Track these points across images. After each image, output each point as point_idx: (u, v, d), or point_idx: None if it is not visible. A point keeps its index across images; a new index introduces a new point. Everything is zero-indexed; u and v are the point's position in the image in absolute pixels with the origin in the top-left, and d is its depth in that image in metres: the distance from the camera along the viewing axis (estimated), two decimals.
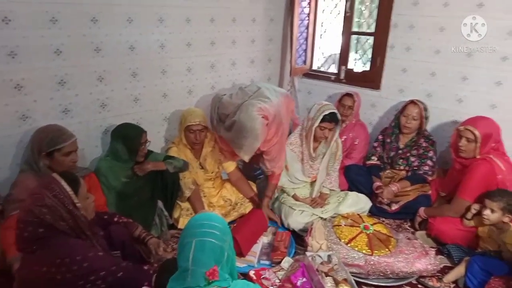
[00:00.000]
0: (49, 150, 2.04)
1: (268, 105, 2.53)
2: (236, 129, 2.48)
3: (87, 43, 2.35)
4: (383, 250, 2.24)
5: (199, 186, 2.77)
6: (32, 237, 1.49)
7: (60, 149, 2.05)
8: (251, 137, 2.42)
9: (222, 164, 2.87)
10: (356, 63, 3.69)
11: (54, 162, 2.07)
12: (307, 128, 2.75)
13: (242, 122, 2.43)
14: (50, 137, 2.05)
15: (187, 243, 1.20)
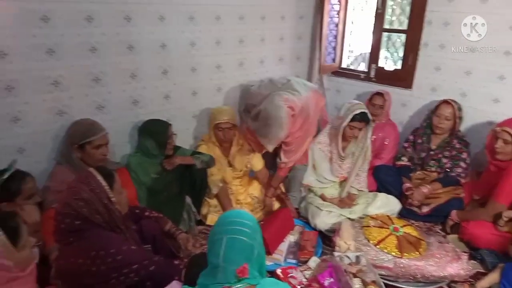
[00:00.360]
0: (80, 142, 2.12)
1: (296, 97, 2.53)
2: (261, 118, 2.50)
3: (120, 41, 2.40)
4: (413, 253, 2.19)
5: (227, 183, 2.79)
6: (69, 229, 1.54)
7: (90, 142, 2.13)
8: (276, 125, 2.43)
9: (250, 162, 2.87)
10: (387, 61, 3.61)
11: (85, 154, 2.14)
12: (337, 127, 2.72)
13: (267, 111, 2.45)
14: (82, 130, 2.14)
15: (218, 240, 1.21)
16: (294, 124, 2.53)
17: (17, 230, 1.31)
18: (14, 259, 1.26)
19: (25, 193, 1.84)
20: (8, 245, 1.25)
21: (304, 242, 2.44)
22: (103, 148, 2.19)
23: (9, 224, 1.28)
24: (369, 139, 2.75)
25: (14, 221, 1.31)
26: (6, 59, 1.99)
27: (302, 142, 2.69)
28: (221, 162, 2.77)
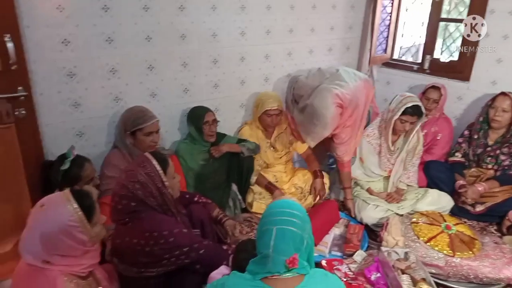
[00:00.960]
0: (132, 129, 2.20)
1: (345, 89, 2.47)
2: (307, 114, 2.47)
3: (174, 31, 2.45)
4: (466, 253, 2.10)
5: (269, 166, 2.82)
6: (125, 210, 1.62)
7: (141, 129, 2.19)
8: (320, 125, 2.41)
9: (292, 144, 2.87)
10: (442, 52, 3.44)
11: (137, 141, 2.22)
12: (387, 119, 2.64)
13: (314, 108, 2.42)
14: (133, 118, 2.21)
15: (267, 230, 1.21)
16: (344, 116, 2.48)
17: (92, 208, 1.39)
18: (88, 234, 1.34)
19: (85, 178, 1.95)
20: (84, 221, 1.33)
21: (350, 235, 2.41)
22: (154, 135, 2.25)
23: (85, 202, 1.37)
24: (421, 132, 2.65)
25: (89, 199, 1.39)
26: (69, 47, 2.10)
27: (352, 133, 2.63)
28: (262, 144, 2.79)
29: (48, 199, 1.38)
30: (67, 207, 1.31)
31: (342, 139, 2.63)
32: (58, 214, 1.30)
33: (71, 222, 1.30)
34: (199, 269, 1.64)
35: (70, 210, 1.31)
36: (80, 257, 1.37)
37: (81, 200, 1.35)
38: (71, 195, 1.34)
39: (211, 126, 2.52)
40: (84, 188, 1.59)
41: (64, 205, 1.31)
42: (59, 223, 1.29)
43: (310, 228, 1.28)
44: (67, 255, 1.33)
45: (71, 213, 1.31)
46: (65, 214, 1.30)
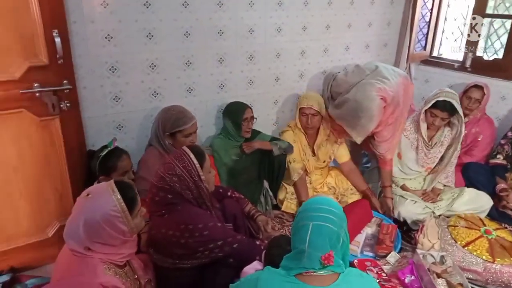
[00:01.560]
0: (172, 131, 2.19)
1: (387, 85, 2.42)
2: (350, 108, 2.42)
3: (211, 27, 2.48)
4: (507, 259, 2.02)
5: (308, 173, 2.79)
6: (162, 202, 1.67)
7: (181, 130, 2.19)
8: (365, 117, 2.35)
9: (335, 153, 2.84)
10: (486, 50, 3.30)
11: (176, 141, 2.22)
12: (420, 111, 2.58)
13: (358, 101, 2.37)
14: (173, 119, 2.20)
15: (304, 226, 1.21)
16: (385, 113, 2.43)
17: (134, 199, 1.44)
18: (128, 224, 1.40)
19: (120, 170, 1.99)
20: (126, 212, 1.38)
21: (382, 235, 2.37)
22: (193, 136, 2.24)
23: (128, 193, 1.42)
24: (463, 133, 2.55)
25: (132, 191, 1.44)
26: (112, 42, 2.17)
27: (394, 130, 2.57)
28: (306, 151, 2.75)
29: (93, 188, 1.44)
30: (111, 197, 1.36)
31: (384, 137, 2.56)
32: (102, 203, 1.36)
33: (113, 212, 1.35)
34: (232, 263, 1.66)
35: (113, 200, 1.36)
36: (119, 246, 1.42)
37: (124, 191, 1.39)
38: (115, 186, 1.39)
39: (249, 123, 2.55)
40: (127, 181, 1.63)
41: (108, 195, 1.37)
42: (102, 212, 1.34)
43: (346, 227, 1.27)
44: (107, 244, 1.38)
45: (114, 203, 1.36)
46: (109, 204, 1.35)
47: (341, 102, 2.51)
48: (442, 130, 2.63)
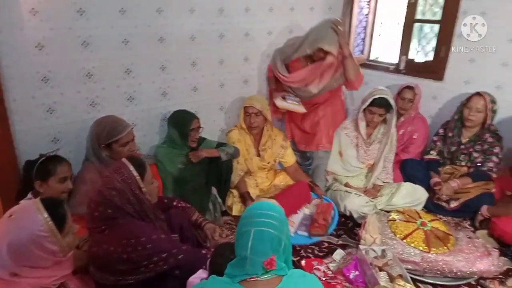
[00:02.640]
0: (107, 142, 2.11)
1: None
2: (312, 33, 2.72)
3: (151, 33, 2.45)
4: (441, 248, 2.16)
5: (251, 173, 2.83)
6: (102, 217, 1.61)
7: (117, 140, 2.12)
8: (330, 31, 2.64)
9: (281, 157, 2.90)
10: (418, 53, 3.52)
11: (114, 152, 2.14)
12: (359, 110, 2.72)
13: (318, 27, 2.72)
14: (107, 130, 2.12)
15: (246, 232, 1.22)
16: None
17: (63, 217, 1.37)
18: (59, 244, 1.32)
19: (60, 174, 1.89)
20: (55, 231, 1.31)
21: (316, 215, 2.42)
22: (130, 144, 2.17)
23: (56, 211, 1.34)
24: (394, 126, 2.72)
25: (60, 208, 1.37)
26: (43, 51, 2.07)
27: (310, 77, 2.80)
28: (249, 150, 2.81)
29: (17, 208, 1.35)
30: (37, 216, 1.28)
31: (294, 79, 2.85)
32: (27, 224, 1.28)
33: (41, 232, 1.27)
34: (178, 274, 1.64)
35: (40, 220, 1.28)
36: (51, 268, 1.34)
37: (52, 209, 1.32)
38: (41, 204, 1.31)
39: (196, 133, 2.53)
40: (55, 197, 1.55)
41: (34, 214, 1.29)
42: (28, 233, 1.26)
43: (288, 230, 1.30)
44: (37, 267, 1.30)
45: (41, 223, 1.28)
46: (35, 224, 1.28)
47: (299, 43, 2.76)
48: (379, 127, 2.79)
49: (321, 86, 2.78)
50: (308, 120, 2.92)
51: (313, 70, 2.76)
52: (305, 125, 2.94)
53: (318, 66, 2.73)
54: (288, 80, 2.83)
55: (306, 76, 2.78)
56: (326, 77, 2.77)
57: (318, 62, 2.73)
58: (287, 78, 2.82)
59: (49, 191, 1.87)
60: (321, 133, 2.93)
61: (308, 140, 2.95)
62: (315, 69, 2.74)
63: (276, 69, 2.90)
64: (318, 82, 2.77)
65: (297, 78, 2.80)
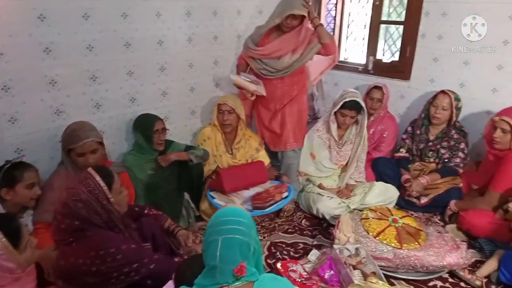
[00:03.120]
0: (66, 149, 2.07)
1: None
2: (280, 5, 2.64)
3: (117, 39, 2.40)
4: (412, 244, 2.20)
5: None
6: (69, 229, 1.56)
7: (73, 149, 2.05)
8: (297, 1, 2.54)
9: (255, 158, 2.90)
10: (384, 53, 3.60)
11: (74, 160, 2.08)
12: (331, 113, 2.75)
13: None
14: (66, 136, 2.08)
15: (213, 241, 1.20)
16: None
17: (18, 232, 1.32)
18: (15, 261, 1.27)
19: (27, 180, 1.86)
20: (9, 248, 1.26)
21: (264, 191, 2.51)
22: (88, 156, 2.07)
23: (10, 227, 1.29)
24: (365, 127, 2.77)
25: (14, 223, 1.32)
26: (3, 59, 1.99)
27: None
28: (218, 147, 2.80)
29: None
30: None
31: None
32: None
33: None
34: (150, 284, 1.60)
35: None
36: (9, 285, 1.29)
37: (4, 225, 1.27)
38: None
39: (161, 135, 2.49)
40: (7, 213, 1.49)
41: None
42: None
43: (256, 234, 1.29)
44: None
45: None
46: None
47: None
48: (350, 128, 2.83)
49: (295, 57, 2.72)
50: (275, 120, 2.91)
51: (286, 39, 2.71)
52: (274, 125, 2.93)
53: (292, 36, 2.70)
54: (261, 53, 2.73)
55: (279, 46, 2.71)
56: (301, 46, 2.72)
57: (290, 32, 2.70)
58: (260, 50, 2.73)
59: (17, 198, 1.84)
60: (288, 132, 2.91)
61: (276, 140, 2.96)
62: (288, 39, 2.69)
63: (248, 48, 2.79)
64: (291, 53, 2.72)
65: (270, 49, 2.71)
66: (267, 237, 2.56)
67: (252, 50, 2.72)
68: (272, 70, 2.73)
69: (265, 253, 2.40)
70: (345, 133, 2.84)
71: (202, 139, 2.79)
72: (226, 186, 2.48)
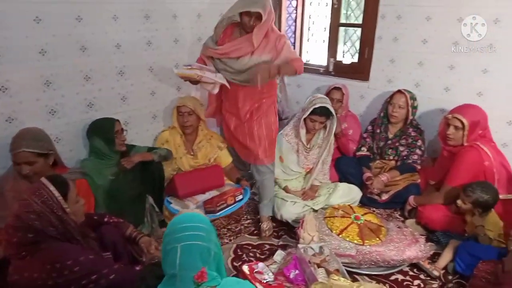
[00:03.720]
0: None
1: None
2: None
3: (72, 42, 2.32)
4: (374, 240, 2.27)
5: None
6: (22, 243, 1.49)
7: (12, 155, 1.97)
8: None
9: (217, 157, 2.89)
10: (344, 55, 3.69)
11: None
12: (300, 118, 2.77)
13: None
14: (11, 141, 1.99)
15: (172, 249, 1.18)
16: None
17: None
18: None
19: None
20: None
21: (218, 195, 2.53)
22: (22, 167, 1.96)
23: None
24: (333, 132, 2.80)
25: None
26: None
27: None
28: (179, 150, 2.78)
29: None
30: None
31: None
32: None
33: None
34: None
35: None
36: None
37: None
38: None
39: (121, 135, 2.45)
40: None
41: None
42: None
43: (216, 238, 1.28)
44: None
45: None
46: None
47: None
48: (318, 133, 2.85)
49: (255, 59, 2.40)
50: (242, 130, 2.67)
51: (246, 39, 2.38)
52: (240, 134, 2.69)
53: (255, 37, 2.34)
54: (220, 52, 2.44)
55: (238, 45, 2.40)
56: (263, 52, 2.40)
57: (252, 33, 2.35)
58: (219, 49, 2.43)
59: None
60: (257, 147, 2.62)
61: (246, 152, 2.76)
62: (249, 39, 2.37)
63: (208, 47, 2.51)
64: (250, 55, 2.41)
65: (229, 48, 2.41)
66: (233, 240, 2.56)
67: (211, 49, 2.50)
68: (232, 70, 2.49)
69: (231, 256, 2.40)
70: (313, 138, 2.87)
71: (161, 143, 2.77)
72: (180, 191, 2.49)
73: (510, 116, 2.72)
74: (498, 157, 2.50)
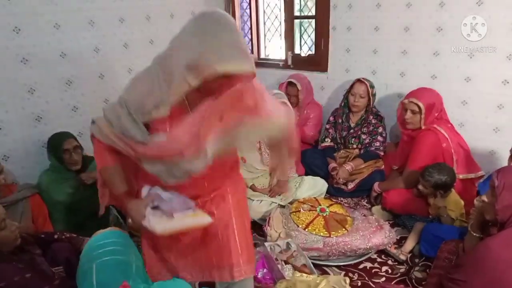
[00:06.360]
0: None
1: None
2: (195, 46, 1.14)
3: (12, 55, 2.22)
4: (340, 230, 2.26)
5: None
6: None
7: None
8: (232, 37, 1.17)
9: None
10: (302, 47, 3.69)
11: None
12: None
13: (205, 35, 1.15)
14: None
15: (87, 270, 1.15)
16: None
17: None
18: None
19: None
20: None
21: None
22: None
23: None
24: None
25: None
26: None
27: None
28: None
29: None
30: None
31: None
32: None
33: None
34: None
35: None
36: None
37: None
38: None
39: (73, 154, 2.31)
40: None
41: None
42: None
43: (135, 248, 1.24)
44: None
45: None
46: None
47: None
48: None
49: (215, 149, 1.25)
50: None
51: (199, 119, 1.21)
52: None
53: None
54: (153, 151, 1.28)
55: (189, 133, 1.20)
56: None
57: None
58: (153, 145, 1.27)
59: None
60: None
61: None
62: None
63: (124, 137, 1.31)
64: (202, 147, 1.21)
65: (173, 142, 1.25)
66: None
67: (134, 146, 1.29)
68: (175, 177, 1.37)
69: None
70: None
71: None
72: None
73: (464, 96, 2.77)
74: (456, 138, 2.54)
